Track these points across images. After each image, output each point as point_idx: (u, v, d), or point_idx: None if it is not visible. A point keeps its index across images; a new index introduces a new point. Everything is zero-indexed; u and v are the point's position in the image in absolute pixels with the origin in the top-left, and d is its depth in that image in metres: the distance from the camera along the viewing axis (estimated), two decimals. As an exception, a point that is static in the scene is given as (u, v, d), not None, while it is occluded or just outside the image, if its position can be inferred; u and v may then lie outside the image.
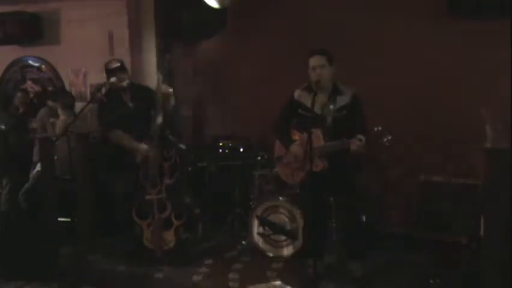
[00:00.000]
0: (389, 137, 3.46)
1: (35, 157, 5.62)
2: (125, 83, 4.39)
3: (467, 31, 4.68)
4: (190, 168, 5.22)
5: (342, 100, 3.79)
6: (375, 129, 3.49)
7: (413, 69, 4.93)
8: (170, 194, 4.27)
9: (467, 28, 4.67)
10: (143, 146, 4.28)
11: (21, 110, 6.08)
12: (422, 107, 4.91)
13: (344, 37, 5.04)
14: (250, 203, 4.94)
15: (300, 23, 5.44)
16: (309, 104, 3.75)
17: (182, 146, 4.49)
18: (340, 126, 3.70)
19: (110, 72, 4.38)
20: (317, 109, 3.75)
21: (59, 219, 4.69)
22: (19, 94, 6.15)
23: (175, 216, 4.25)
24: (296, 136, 3.90)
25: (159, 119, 4.22)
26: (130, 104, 4.43)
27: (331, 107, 3.75)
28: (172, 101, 4.41)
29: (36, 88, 6.47)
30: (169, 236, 4.25)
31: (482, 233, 3.50)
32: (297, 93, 3.92)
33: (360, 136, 3.50)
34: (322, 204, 3.92)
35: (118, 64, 4.42)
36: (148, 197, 4.27)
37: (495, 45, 4.53)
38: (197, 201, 4.87)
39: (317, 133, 3.69)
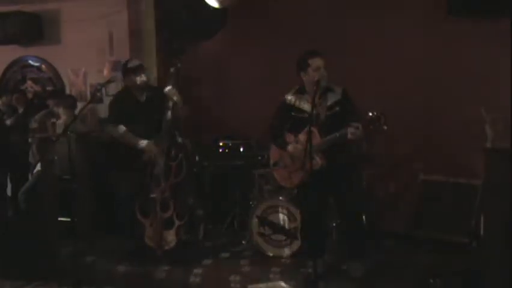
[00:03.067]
0: (385, 121, 3.44)
1: (31, 158, 5.61)
2: (142, 83, 4.39)
3: (467, 31, 4.68)
4: (195, 169, 5.21)
5: (334, 97, 3.81)
6: (370, 114, 3.47)
7: (413, 69, 4.93)
8: (175, 194, 4.27)
9: (467, 28, 4.67)
10: (143, 142, 4.28)
11: (19, 110, 6.08)
12: (422, 107, 4.91)
13: (343, 37, 5.05)
14: (250, 203, 4.94)
15: (300, 23, 5.44)
16: (303, 106, 3.81)
17: (189, 147, 4.49)
18: (334, 123, 3.72)
19: (130, 70, 4.37)
20: (309, 109, 3.76)
21: (59, 219, 4.70)
22: (15, 95, 6.15)
23: (177, 216, 4.25)
24: (291, 139, 3.90)
25: (168, 118, 4.22)
26: (143, 104, 4.43)
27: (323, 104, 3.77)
28: (180, 103, 4.37)
29: (36, 88, 6.47)
30: (170, 236, 4.25)
31: (482, 233, 3.50)
32: (289, 98, 3.95)
33: (356, 124, 3.51)
34: (321, 203, 3.91)
35: (138, 63, 4.42)
36: (152, 195, 4.27)
37: (495, 45, 4.53)
38: (200, 202, 4.87)
39: (314, 132, 3.69)
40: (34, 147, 5.62)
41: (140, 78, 4.37)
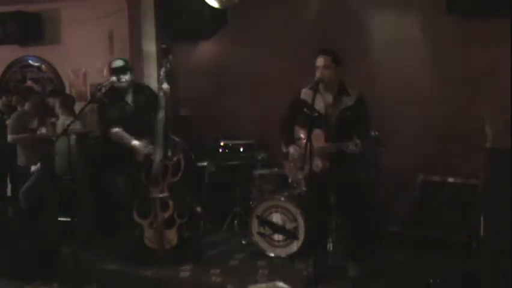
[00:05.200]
0: (382, 144, 3.44)
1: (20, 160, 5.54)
2: (125, 82, 4.39)
3: (467, 31, 4.67)
4: (192, 167, 5.22)
5: (347, 101, 3.74)
6: (372, 133, 3.47)
7: (413, 69, 4.93)
8: (173, 193, 4.27)
9: (467, 28, 4.67)
10: (141, 143, 4.28)
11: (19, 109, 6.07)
12: (422, 107, 4.91)
13: (343, 37, 5.04)
14: (250, 203, 4.94)
15: (300, 23, 5.44)
16: (316, 104, 3.71)
17: (185, 145, 4.49)
18: (343, 128, 3.67)
19: (112, 71, 4.38)
20: (322, 109, 3.74)
21: (59, 219, 4.69)
22: (15, 95, 6.12)
23: (177, 215, 4.25)
24: (300, 133, 3.87)
25: (161, 117, 4.22)
26: (131, 103, 4.43)
27: (336, 107, 3.73)
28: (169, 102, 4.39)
29: (36, 88, 6.46)
30: (171, 235, 4.25)
31: (482, 233, 3.50)
32: (303, 92, 3.86)
33: (356, 141, 3.48)
34: (323, 204, 3.91)
35: (121, 63, 4.42)
36: (151, 195, 4.27)
37: (495, 45, 4.53)
38: (198, 200, 4.87)
39: (319, 133, 3.68)
40: (19, 148, 5.53)
41: (125, 78, 4.36)
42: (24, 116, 5.45)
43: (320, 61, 3.72)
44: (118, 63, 4.41)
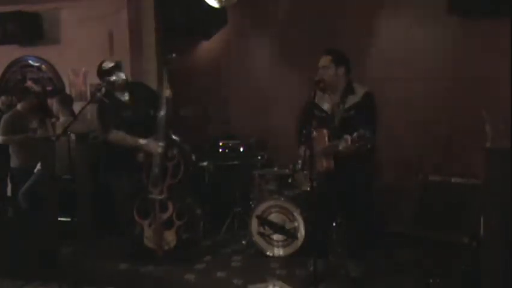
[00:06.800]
0: (366, 142, 3.37)
1: (14, 161, 5.53)
2: (122, 82, 4.37)
3: (468, 31, 4.67)
4: (192, 168, 5.21)
5: (352, 99, 3.69)
6: (361, 131, 3.39)
7: (413, 69, 4.93)
8: (173, 194, 4.27)
9: (467, 28, 4.67)
10: (147, 141, 4.26)
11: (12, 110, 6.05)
12: (422, 107, 4.91)
13: (343, 37, 5.04)
14: (250, 203, 4.94)
15: (300, 23, 5.44)
16: (323, 105, 3.74)
17: (186, 146, 4.48)
18: (346, 126, 3.61)
19: (105, 72, 4.35)
20: (329, 109, 3.73)
21: (59, 219, 4.69)
22: (15, 96, 6.12)
23: (176, 216, 4.25)
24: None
25: (162, 116, 4.21)
26: (129, 103, 4.42)
27: (341, 106, 3.71)
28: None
29: (36, 88, 6.46)
30: (170, 236, 4.25)
31: (482, 232, 3.50)
32: (317, 94, 3.80)
33: (346, 136, 3.42)
34: (325, 204, 3.90)
35: (113, 64, 4.40)
36: (150, 196, 4.26)
37: (495, 45, 4.53)
38: (197, 201, 4.87)
39: (323, 133, 3.66)
40: (12, 149, 5.50)
41: (118, 79, 4.33)
42: (16, 116, 5.44)
43: (320, 61, 3.72)
44: (109, 64, 4.37)
